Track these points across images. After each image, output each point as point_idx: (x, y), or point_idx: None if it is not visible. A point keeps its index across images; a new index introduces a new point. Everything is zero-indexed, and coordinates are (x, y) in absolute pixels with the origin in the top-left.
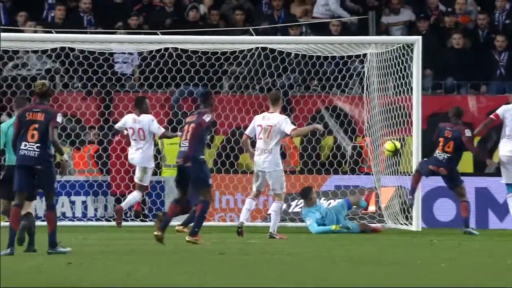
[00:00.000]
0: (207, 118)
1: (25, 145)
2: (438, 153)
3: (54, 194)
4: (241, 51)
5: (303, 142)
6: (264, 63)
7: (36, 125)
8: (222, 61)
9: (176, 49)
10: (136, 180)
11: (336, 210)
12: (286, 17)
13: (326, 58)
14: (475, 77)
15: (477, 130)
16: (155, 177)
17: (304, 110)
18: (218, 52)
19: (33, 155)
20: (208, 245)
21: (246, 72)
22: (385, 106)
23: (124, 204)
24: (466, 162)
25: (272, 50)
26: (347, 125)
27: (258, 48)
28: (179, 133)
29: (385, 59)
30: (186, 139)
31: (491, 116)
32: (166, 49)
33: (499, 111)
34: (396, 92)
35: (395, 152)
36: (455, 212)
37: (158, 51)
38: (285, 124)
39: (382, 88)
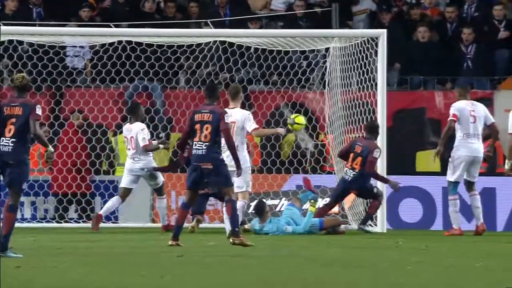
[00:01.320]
0: (227, 119)
1: (2, 140)
2: (346, 170)
3: (20, 196)
4: (198, 45)
5: (262, 139)
6: (223, 57)
7: (14, 120)
8: (178, 54)
9: (130, 42)
10: (152, 187)
11: (290, 214)
12: (237, 11)
13: (287, 52)
14: (442, 72)
15: (441, 141)
16: (107, 176)
17: (263, 106)
18: (174, 45)
19: (7, 150)
20: (252, 245)
21: (204, 66)
22: (349, 102)
23: (103, 211)
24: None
25: (231, 44)
26: (307, 122)
27: (216, 41)
28: (161, 146)
29: (348, 53)
30: (201, 141)
31: (451, 118)
32: (120, 42)
33: (456, 111)
34: (360, 87)
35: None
36: (421, 213)
37: (111, 44)
38: (248, 121)
39: (346, 83)
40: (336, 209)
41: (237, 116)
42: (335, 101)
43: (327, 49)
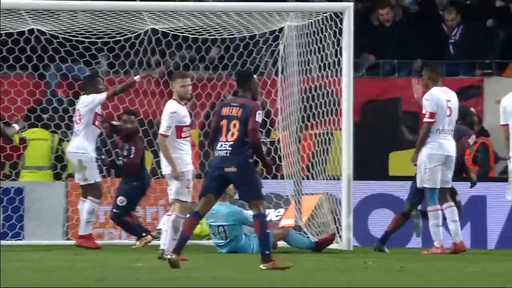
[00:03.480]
0: (259, 116)
1: None
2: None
3: None
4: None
5: (201, 137)
6: (153, 38)
7: None
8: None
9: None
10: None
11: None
12: None
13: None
14: (420, 56)
15: (418, 148)
16: (10, 182)
17: (202, 96)
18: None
19: None
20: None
21: (134, 52)
22: (308, 92)
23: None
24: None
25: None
26: None
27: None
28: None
29: (307, 33)
30: (227, 140)
31: (428, 120)
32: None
33: (434, 106)
34: (322, 74)
35: None
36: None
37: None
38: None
39: (304, 69)
40: (291, 221)
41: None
42: (291, 91)
43: (280, 29)
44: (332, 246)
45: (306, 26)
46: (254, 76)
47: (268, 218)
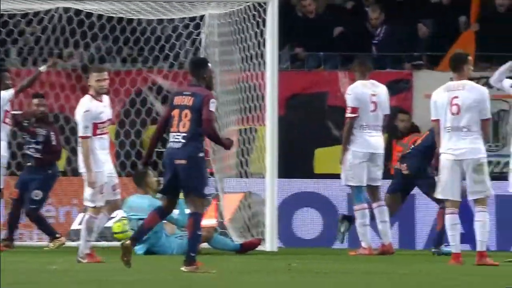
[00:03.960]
0: (212, 105)
1: None
2: None
3: None
4: (37, 13)
5: (119, 135)
6: (67, 28)
7: None
8: (10, 26)
9: None
10: None
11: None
12: None
13: (150, 22)
14: (346, 49)
15: (344, 146)
16: None
17: (120, 91)
18: (4, 14)
19: None
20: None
21: (45, 40)
22: (229, 85)
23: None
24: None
25: (78, 12)
26: None
27: (57, 8)
28: None
29: (230, 22)
30: (179, 131)
31: (350, 115)
32: None
33: (355, 101)
34: (245, 67)
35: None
36: (321, 226)
37: None
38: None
39: (225, 61)
40: (213, 221)
41: None
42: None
43: (201, 17)
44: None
45: (228, 15)
46: (209, 64)
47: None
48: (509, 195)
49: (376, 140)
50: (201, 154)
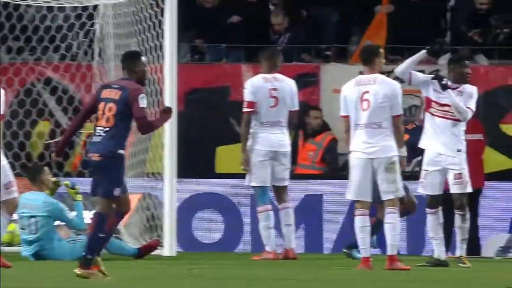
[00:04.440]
0: (142, 101)
1: None
2: None
3: None
4: None
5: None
6: None
7: None
8: None
9: None
10: None
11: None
12: None
13: (39, 9)
14: (250, 40)
15: (243, 147)
16: None
17: (12, 82)
18: None
19: None
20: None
21: None
22: None
23: None
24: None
25: None
26: (68, 106)
27: None
28: None
29: (126, 12)
30: (102, 126)
31: (244, 109)
32: None
33: (251, 95)
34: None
35: None
36: (223, 229)
37: None
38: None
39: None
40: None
41: None
42: (108, 77)
43: (95, 7)
44: (154, 252)
45: (125, 4)
46: (142, 57)
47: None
48: (421, 196)
49: (279, 138)
50: (120, 151)
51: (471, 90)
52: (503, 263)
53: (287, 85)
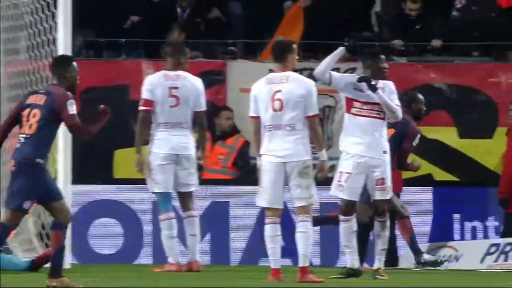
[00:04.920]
0: (71, 107)
1: None
2: None
3: None
4: None
5: None
6: None
7: None
8: None
9: None
10: None
11: None
12: None
13: None
14: (150, 35)
15: (137, 149)
16: None
17: None
18: None
19: None
20: None
21: None
22: (16, 78)
23: None
24: None
25: None
26: None
27: None
28: None
29: (16, 4)
30: (25, 133)
31: (141, 107)
32: None
33: (146, 94)
34: (34, 55)
35: None
36: (122, 240)
37: None
38: None
39: (11, 50)
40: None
41: None
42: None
43: None
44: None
45: None
46: (74, 63)
47: None
48: (335, 202)
49: (180, 140)
50: (38, 160)
51: (391, 85)
52: (422, 274)
53: (190, 83)
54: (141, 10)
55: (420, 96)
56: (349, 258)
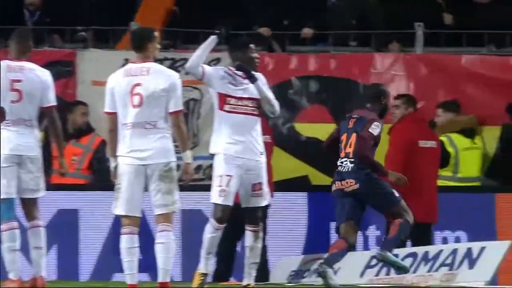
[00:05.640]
0: None
1: None
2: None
3: None
4: None
5: None
6: None
7: None
8: None
9: None
10: None
11: None
12: None
13: None
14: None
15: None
16: None
17: None
18: None
19: None
20: None
21: None
22: None
23: None
24: None
25: None
26: None
27: None
28: None
29: None
30: None
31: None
32: None
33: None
34: None
35: None
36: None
37: None
38: None
39: None
40: None
41: None
42: None
43: None
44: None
45: None
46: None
47: None
48: (198, 210)
49: (24, 140)
50: None
51: (263, 77)
52: None
53: (36, 76)
54: None
55: (389, 90)
56: (206, 263)
